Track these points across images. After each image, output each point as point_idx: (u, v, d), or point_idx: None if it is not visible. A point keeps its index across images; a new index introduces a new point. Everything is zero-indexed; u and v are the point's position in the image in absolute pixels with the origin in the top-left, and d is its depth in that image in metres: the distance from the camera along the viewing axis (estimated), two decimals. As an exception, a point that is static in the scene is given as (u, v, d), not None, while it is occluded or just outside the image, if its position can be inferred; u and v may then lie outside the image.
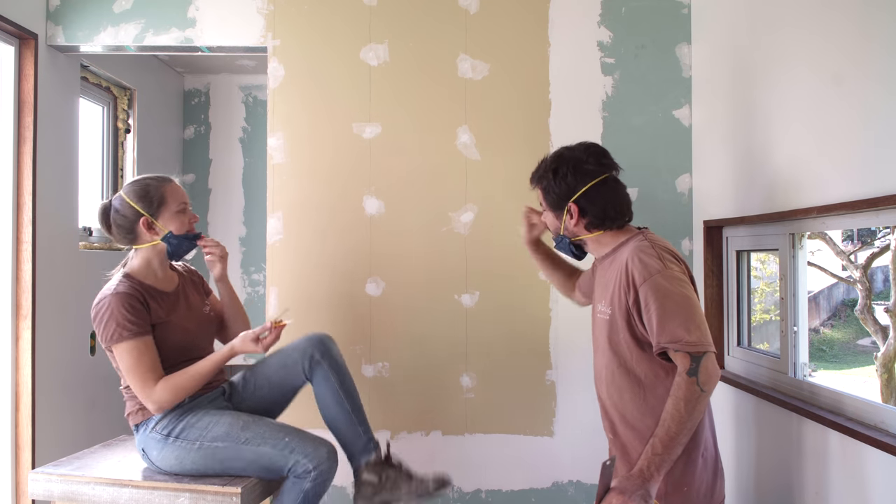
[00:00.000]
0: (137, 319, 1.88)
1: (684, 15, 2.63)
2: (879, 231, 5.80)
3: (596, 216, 1.73)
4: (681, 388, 1.51)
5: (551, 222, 1.83)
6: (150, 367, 1.88)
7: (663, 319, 1.54)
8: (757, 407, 2.12)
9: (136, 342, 1.87)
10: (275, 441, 1.88)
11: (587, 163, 1.74)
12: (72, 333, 2.88)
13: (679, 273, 1.61)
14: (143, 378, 1.87)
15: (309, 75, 2.63)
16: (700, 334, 1.53)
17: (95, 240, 3.21)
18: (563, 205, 1.76)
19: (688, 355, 1.52)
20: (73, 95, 2.90)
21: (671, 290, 1.56)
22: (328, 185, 2.63)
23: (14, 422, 2.55)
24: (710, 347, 1.54)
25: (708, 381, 1.51)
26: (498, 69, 2.63)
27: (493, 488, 2.63)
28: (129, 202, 1.98)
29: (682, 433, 1.50)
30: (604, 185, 1.74)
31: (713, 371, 1.52)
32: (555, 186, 1.75)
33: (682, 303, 1.55)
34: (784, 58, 1.96)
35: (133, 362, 1.86)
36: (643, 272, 1.60)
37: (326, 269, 2.62)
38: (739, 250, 2.40)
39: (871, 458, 1.57)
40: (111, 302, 1.87)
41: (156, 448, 1.91)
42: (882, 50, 1.54)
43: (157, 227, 1.98)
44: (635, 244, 1.68)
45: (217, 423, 1.92)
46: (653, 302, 1.56)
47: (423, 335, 2.62)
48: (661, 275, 1.58)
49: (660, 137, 2.62)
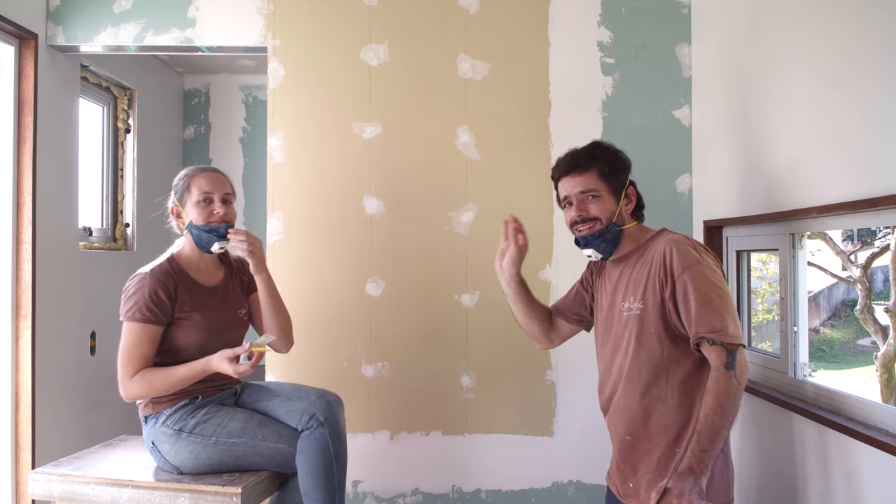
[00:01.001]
0: (156, 308, 1.88)
1: (684, 15, 2.63)
2: (879, 231, 5.80)
3: (641, 201, 1.78)
4: (720, 382, 1.51)
5: (605, 208, 1.71)
6: (140, 356, 1.87)
7: (702, 310, 1.55)
8: (757, 407, 2.12)
9: (143, 328, 1.87)
10: (291, 440, 1.91)
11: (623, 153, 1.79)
12: (72, 333, 2.88)
13: (716, 266, 1.63)
14: (129, 363, 1.87)
15: (309, 75, 2.63)
16: (735, 326, 1.54)
17: (95, 240, 3.21)
18: (621, 189, 1.73)
19: (723, 349, 1.51)
20: (73, 95, 2.90)
21: (710, 281, 1.57)
22: (328, 185, 2.63)
23: (14, 422, 2.54)
24: (744, 341, 1.56)
25: (743, 375, 1.52)
26: (498, 69, 2.63)
27: (493, 488, 2.63)
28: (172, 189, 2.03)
29: (725, 427, 1.50)
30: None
31: (745, 365, 1.54)
32: (619, 166, 1.74)
33: (720, 294, 1.56)
34: (784, 58, 1.96)
35: (130, 344, 1.87)
36: (682, 262, 1.59)
37: (326, 269, 2.62)
38: (739, 250, 2.40)
39: (871, 458, 1.56)
40: (142, 281, 1.89)
41: (167, 442, 1.90)
42: (882, 49, 1.54)
43: (183, 216, 1.99)
44: (668, 237, 1.68)
45: (232, 419, 1.92)
46: (692, 292, 1.56)
47: (423, 335, 2.62)
48: (701, 265, 1.59)
49: (660, 137, 2.62)
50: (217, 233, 1.96)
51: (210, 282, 2.04)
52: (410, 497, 2.63)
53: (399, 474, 2.62)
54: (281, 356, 2.59)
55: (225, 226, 1.97)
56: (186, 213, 1.97)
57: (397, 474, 2.62)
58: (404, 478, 2.63)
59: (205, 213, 1.96)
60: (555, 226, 2.62)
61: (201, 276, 2.02)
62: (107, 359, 3.11)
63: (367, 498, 2.62)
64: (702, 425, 1.50)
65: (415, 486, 2.63)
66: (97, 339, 3.05)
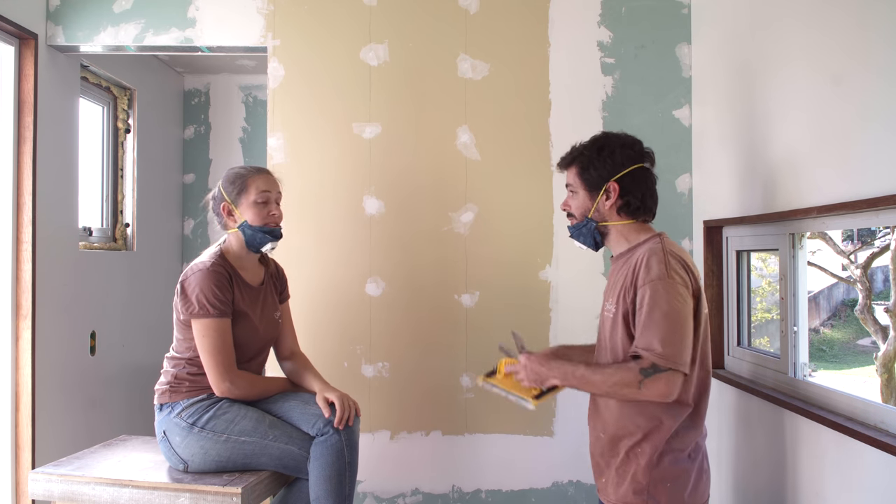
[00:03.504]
0: (225, 299, 1.91)
1: (684, 15, 2.63)
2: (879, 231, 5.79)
3: (635, 198, 1.74)
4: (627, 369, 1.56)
5: (580, 204, 1.77)
6: (230, 349, 1.91)
7: (646, 325, 1.57)
8: (757, 407, 2.12)
9: (222, 322, 1.91)
10: (301, 443, 1.93)
11: (633, 147, 1.77)
12: (72, 333, 2.88)
13: (681, 286, 1.60)
14: (227, 359, 1.90)
15: (309, 75, 2.63)
16: (672, 350, 1.54)
17: (95, 240, 3.21)
18: (602, 184, 1.74)
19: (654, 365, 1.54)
20: (73, 95, 2.90)
21: (664, 300, 1.57)
22: (328, 185, 2.63)
23: (14, 422, 2.54)
24: (678, 366, 1.54)
25: (652, 390, 1.53)
26: (498, 69, 2.63)
27: (493, 488, 2.63)
28: (220, 186, 2.04)
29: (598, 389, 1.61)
30: (646, 172, 1.78)
31: (663, 389, 1.53)
32: (598, 163, 1.74)
33: (669, 315, 1.56)
34: (784, 57, 1.96)
35: (218, 342, 1.89)
36: (646, 275, 1.61)
37: (326, 270, 2.62)
38: (739, 250, 2.40)
39: (871, 458, 1.56)
40: (205, 276, 1.90)
41: (179, 434, 1.92)
42: (882, 49, 1.54)
43: (236, 215, 2.00)
44: (651, 245, 1.69)
45: (244, 417, 1.93)
46: (645, 306, 1.58)
47: (423, 335, 2.62)
48: (661, 282, 1.58)
49: (660, 137, 2.62)
50: (273, 235, 2.02)
51: (255, 281, 2.07)
52: (410, 497, 2.63)
53: (399, 474, 2.62)
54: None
55: (280, 228, 2.04)
56: (241, 213, 1.99)
57: (397, 474, 2.62)
58: (404, 478, 2.63)
59: (262, 214, 2.00)
60: (555, 226, 2.62)
61: (247, 274, 2.05)
62: (107, 359, 3.11)
63: (367, 498, 2.62)
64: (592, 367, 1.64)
65: (415, 486, 2.63)
66: (97, 339, 3.05)
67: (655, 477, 1.63)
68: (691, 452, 1.67)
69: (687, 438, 1.66)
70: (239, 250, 2.03)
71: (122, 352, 3.24)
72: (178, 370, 1.98)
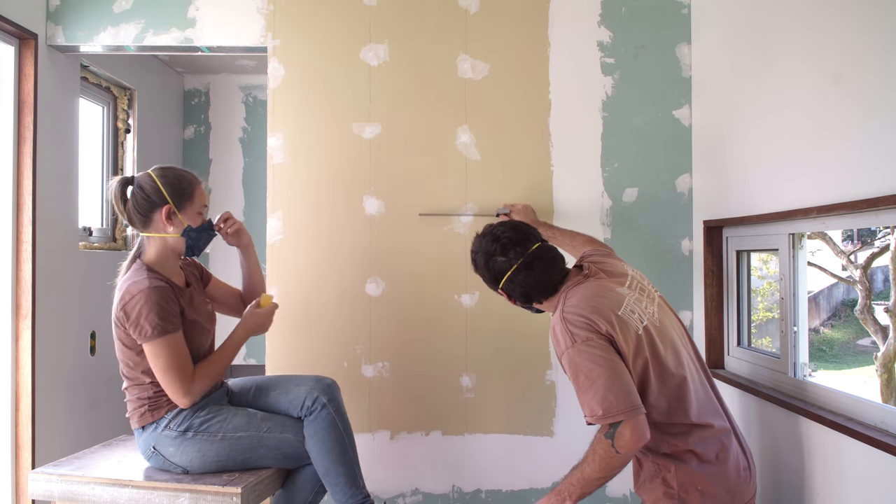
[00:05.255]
0: (174, 314, 1.86)
1: (684, 15, 2.63)
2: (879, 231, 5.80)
3: (521, 297, 1.84)
4: (599, 445, 1.61)
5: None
6: (187, 361, 1.88)
7: (579, 394, 1.65)
8: (757, 407, 2.12)
9: (175, 337, 1.85)
10: (296, 429, 1.96)
11: (497, 255, 1.82)
12: (72, 333, 2.88)
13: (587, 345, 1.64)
14: (183, 372, 1.86)
15: (309, 75, 2.63)
16: (613, 403, 1.58)
17: (95, 240, 3.21)
18: (496, 289, 1.88)
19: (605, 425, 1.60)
20: (73, 95, 2.90)
21: (580, 366, 1.64)
22: (328, 185, 2.63)
23: (14, 422, 2.54)
24: (627, 415, 1.57)
25: (625, 446, 1.57)
26: (498, 69, 2.63)
27: (493, 488, 2.63)
28: (158, 185, 1.92)
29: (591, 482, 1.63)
30: (518, 274, 1.81)
31: (631, 437, 1.57)
32: (484, 276, 1.89)
33: (591, 376, 1.62)
34: (784, 57, 1.96)
35: (174, 358, 1.84)
36: (557, 348, 1.72)
37: (326, 269, 2.62)
38: (739, 250, 2.40)
39: (871, 458, 1.56)
40: (148, 296, 1.81)
41: (172, 445, 1.89)
42: (881, 49, 1.54)
43: (177, 220, 1.94)
44: (556, 314, 1.76)
45: (235, 415, 1.95)
46: (570, 376, 1.67)
47: (423, 335, 2.62)
48: (571, 350, 1.66)
49: (660, 137, 2.62)
50: (210, 230, 2.03)
51: (181, 283, 2.02)
52: (410, 497, 2.63)
53: (399, 474, 2.62)
54: (280, 356, 2.59)
55: (209, 221, 2.04)
56: (183, 219, 1.95)
57: (397, 474, 2.62)
58: (404, 478, 2.63)
59: (199, 219, 1.99)
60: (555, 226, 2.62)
61: (175, 278, 1.99)
62: (107, 359, 3.11)
63: (367, 498, 2.62)
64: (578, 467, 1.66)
65: (415, 486, 2.63)
66: (97, 339, 3.05)
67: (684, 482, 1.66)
68: (718, 453, 1.67)
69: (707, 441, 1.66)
70: (162, 257, 1.95)
71: (122, 352, 3.24)
72: (147, 393, 1.91)
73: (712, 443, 1.67)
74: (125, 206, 1.95)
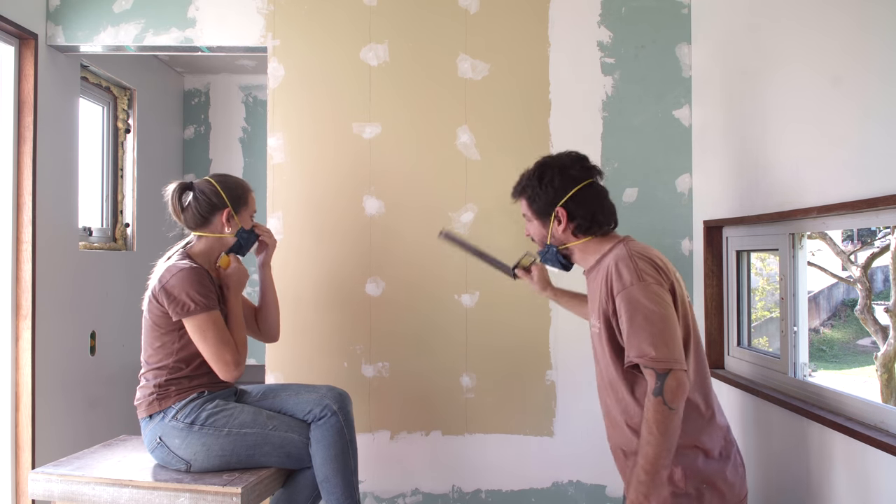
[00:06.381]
0: (214, 294, 1.98)
1: (684, 15, 2.63)
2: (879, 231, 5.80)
3: (584, 219, 1.75)
4: (650, 410, 1.53)
5: (537, 232, 1.83)
6: (229, 336, 1.97)
7: (631, 333, 1.57)
8: (757, 407, 2.12)
9: (217, 314, 1.96)
10: (301, 430, 1.99)
11: (572, 168, 1.77)
12: (72, 333, 2.88)
13: (655, 286, 1.60)
14: (228, 345, 1.95)
15: (309, 75, 2.63)
16: (666, 351, 1.53)
17: (95, 240, 3.21)
18: (551, 211, 1.77)
19: (653, 373, 1.53)
20: (73, 95, 2.90)
21: (642, 304, 1.57)
22: (328, 185, 2.63)
23: (14, 422, 2.54)
24: (676, 365, 1.54)
25: (675, 399, 1.52)
26: (498, 69, 2.63)
27: (493, 488, 2.63)
28: (219, 190, 2.08)
29: (661, 455, 1.52)
30: (590, 189, 1.76)
31: (678, 389, 1.52)
32: (541, 193, 1.77)
33: (652, 318, 1.56)
34: (784, 57, 1.96)
35: (221, 332, 1.94)
36: (618, 283, 1.62)
37: (326, 269, 2.63)
38: (739, 250, 2.40)
39: (871, 458, 1.57)
40: (190, 274, 1.94)
41: (178, 437, 1.92)
42: (881, 49, 1.54)
43: (234, 222, 2.09)
44: (615, 253, 1.70)
45: (242, 410, 1.98)
46: (624, 314, 1.59)
47: (423, 335, 2.62)
48: (635, 287, 1.59)
49: (660, 137, 2.62)
50: (255, 233, 2.18)
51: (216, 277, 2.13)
52: (410, 497, 2.63)
53: (399, 474, 2.62)
54: (280, 355, 2.59)
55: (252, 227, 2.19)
56: (239, 220, 2.11)
57: (397, 474, 2.62)
58: (404, 478, 2.63)
59: (250, 222, 2.17)
60: (555, 226, 2.62)
61: (213, 272, 2.11)
62: (107, 359, 3.11)
63: (367, 498, 2.62)
64: (639, 458, 1.55)
65: (415, 486, 2.63)
66: (97, 339, 3.05)
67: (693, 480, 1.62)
68: (722, 451, 1.66)
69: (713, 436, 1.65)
70: (208, 254, 2.10)
71: (122, 352, 3.24)
72: (159, 379, 1.97)
73: (717, 439, 1.66)
74: (184, 209, 2.09)
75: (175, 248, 2.11)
